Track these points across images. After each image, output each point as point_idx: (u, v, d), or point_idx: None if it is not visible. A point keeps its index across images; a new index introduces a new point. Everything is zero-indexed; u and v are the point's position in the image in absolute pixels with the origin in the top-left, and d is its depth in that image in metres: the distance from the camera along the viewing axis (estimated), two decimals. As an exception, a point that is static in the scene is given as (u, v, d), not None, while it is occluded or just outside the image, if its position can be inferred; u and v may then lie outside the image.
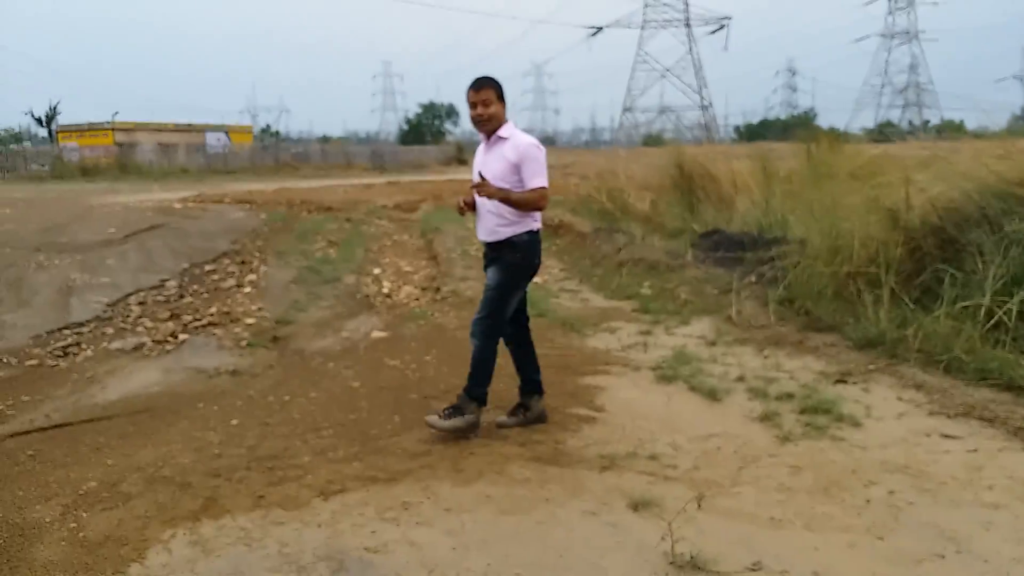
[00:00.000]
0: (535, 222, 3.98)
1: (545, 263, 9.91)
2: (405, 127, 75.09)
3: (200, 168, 39.54)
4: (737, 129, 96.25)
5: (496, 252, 4.00)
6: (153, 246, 10.77)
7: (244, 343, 5.99)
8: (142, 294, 7.79)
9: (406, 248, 11.44)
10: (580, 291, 8.10)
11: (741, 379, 4.88)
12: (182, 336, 6.17)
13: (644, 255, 8.42)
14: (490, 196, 3.81)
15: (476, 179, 3.88)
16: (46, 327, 6.44)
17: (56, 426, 4.28)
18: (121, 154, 38.22)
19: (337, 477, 3.55)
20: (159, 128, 44.90)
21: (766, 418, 4.18)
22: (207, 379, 5.12)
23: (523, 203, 3.85)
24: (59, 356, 5.69)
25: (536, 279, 8.62)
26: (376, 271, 9.28)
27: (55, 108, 50.27)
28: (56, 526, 3.13)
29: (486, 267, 4.11)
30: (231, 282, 8.43)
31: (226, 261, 9.80)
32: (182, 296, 7.81)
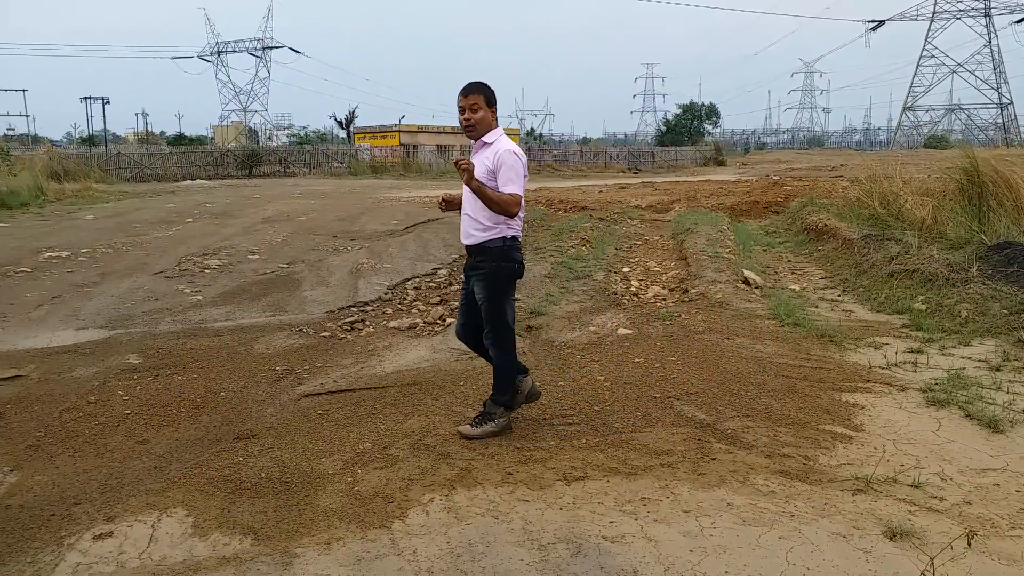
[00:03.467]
0: (511, 229, 3.93)
1: (805, 270, 9.45)
2: (663, 128, 74.62)
3: (470, 168, 42.43)
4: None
5: (474, 258, 4.01)
6: (428, 238, 11.85)
7: (501, 331, 6.38)
8: (417, 280, 8.63)
9: (656, 248, 11.42)
10: (842, 301, 7.57)
11: (1032, 412, 4.29)
12: (449, 320, 6.73)
13: (919, 266, 7.64)
14: (469, 179, 3.76)
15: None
16: (338, 304, 7.39)
17: (341, 391, 4.89)
18: (405, 154, 42.28)
19: (579, 464, 3.69)
20: (438, 131, 48.97)
21: (1062, 459, 3.64)
22: (468, 360, 5.54)
23: (494, 201, 3.78)
24: (347, 330, 6.48)
25: (793, 286, 8.26)
26: (625, 270, 9.39)
27: (353, 112, 56.69)
28: (336, 478, 3.58)
29: (466, 269, 4.15)
30: (492, 273, 9.01)
31: (488, 254, 10.48)
32: (450, 284, 8.51)
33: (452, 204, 4.19)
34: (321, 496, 3.39)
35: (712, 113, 73.55)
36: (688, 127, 69.59)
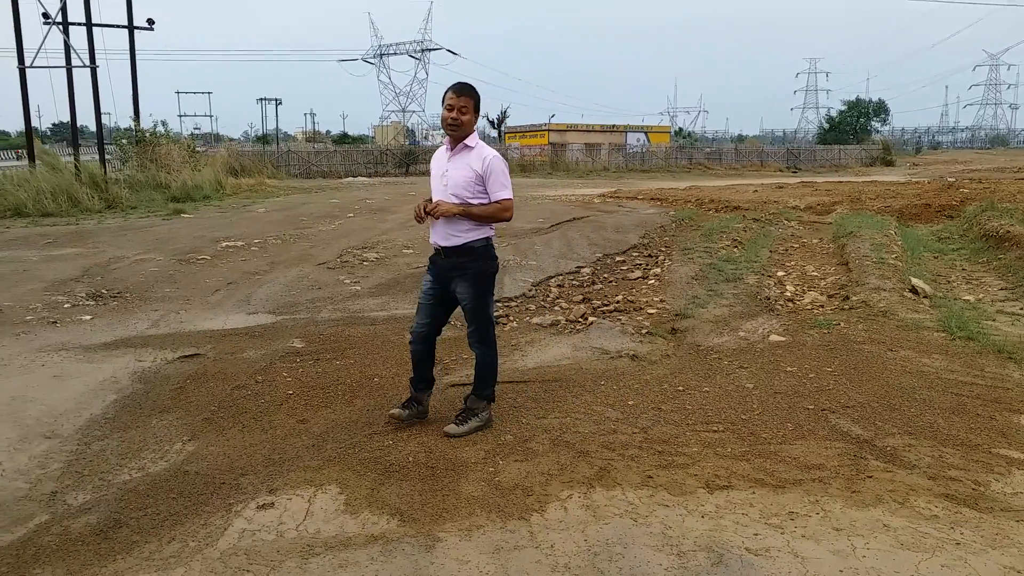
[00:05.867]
0: (490, 229, 4.12)
1: (981, 280, 8.67)
2: (826, 126, 70.82)
3: (619, 166, 42.30)
4: None
5: (454, 258, 4.06)
6: (573, 236, 11.88)
7: (644, 331, 6.31)
8: (560, 278, 8.69)
9: (814, 252, 10.85)
10: (1027, 316, 6.88)
11: None
12: (591, 319, 6.73)
13: (1125, 280, 6.82)
14: (448, 213, 3.91)
15: (436, 181, 4.05)
16: (484, 299, 7.56)
17: (486, 383, 5.00)
18: (553, 153, 42.68)
19: (723, 473, 3.58)
20: (587, 129, 49.09)
21: None
22: (609, 360, 5.52)
23: (486, 216, 3.98)
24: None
25: (967, 297, 7.61)
26: (780, 273, 8.99)
27: (505, 112, 57.66)
28: (478, 468, 3.67)
29: (432, 269, 4.20)
30: (637, 273, 8.92)
31: (634, 254, 10.40)
32: (594, 283, 8.49)
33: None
34: (464, 483, 3.49)
35: (880, 110, 69.04)
36: (853, 125, 65.67)
